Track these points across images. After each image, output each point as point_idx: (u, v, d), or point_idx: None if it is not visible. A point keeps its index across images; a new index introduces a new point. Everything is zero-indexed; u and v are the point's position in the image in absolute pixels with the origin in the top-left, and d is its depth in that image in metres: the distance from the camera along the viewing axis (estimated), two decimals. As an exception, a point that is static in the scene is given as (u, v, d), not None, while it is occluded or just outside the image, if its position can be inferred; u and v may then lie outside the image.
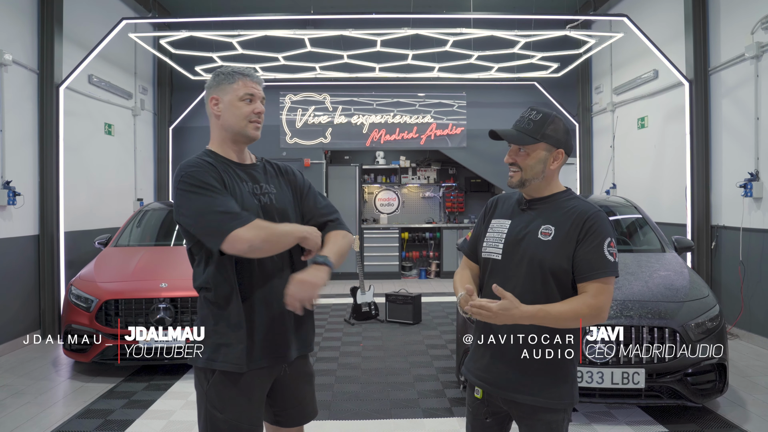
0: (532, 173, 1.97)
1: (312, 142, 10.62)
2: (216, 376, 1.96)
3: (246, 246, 1.86)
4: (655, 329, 3.77)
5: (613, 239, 1.91)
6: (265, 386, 2.05)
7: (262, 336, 1.98)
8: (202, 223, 1.88)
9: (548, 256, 1.90)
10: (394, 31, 7.40)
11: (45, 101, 6.60)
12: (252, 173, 2.10)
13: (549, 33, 7.64)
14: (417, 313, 7.15)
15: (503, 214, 2.09)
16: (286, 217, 2.09)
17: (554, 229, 1.93)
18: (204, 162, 1.98)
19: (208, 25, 8.19)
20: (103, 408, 4.30)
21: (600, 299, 1.85)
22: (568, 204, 1.98)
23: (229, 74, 2.06)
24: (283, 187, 2.16)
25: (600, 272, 1.86)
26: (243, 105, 2.04)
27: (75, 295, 5.17)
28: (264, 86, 2.14)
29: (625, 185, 8.87)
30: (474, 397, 2.07)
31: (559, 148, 1.99)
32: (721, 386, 3.87)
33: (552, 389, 1.92)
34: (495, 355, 1.98)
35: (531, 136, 1.96)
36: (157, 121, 10.07)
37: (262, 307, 1.99)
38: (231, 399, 1.96)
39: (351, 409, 4.27)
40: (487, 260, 2.05)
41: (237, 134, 2.06)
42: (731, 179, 6.34)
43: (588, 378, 3.72)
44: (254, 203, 2.01)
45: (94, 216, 7.83)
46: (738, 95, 6.32)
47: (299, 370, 2.15)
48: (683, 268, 4.66)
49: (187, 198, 1.90)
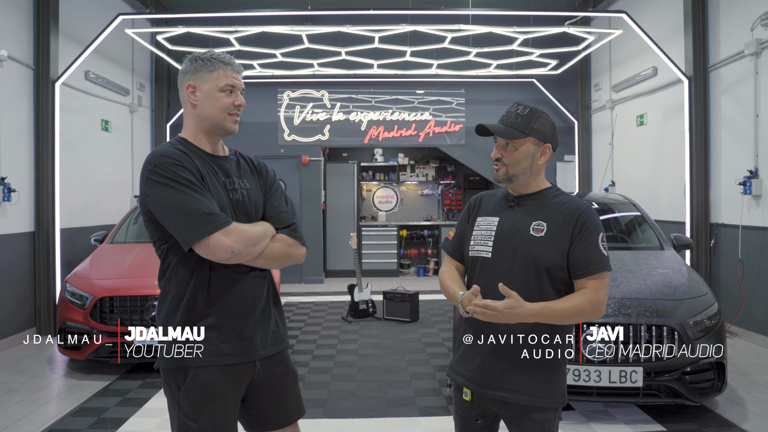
0: (520, 168, 1.95)
1: (310, 139, 10.58)
2: (188, 383, 1.87)
3: (228, 253, 1.81)
4: (654, 327, 3.74)
5: (603, 233, 1.92)
6: (239, 390, 1.96)
7: (227, 331, 1.90)
8: (178, 221, 1.79)
9: (542, 252, 1.89)
10: (392, 28, 7.35)
11: (40, 97, 6.55)
12: (225, 166, 1.99)
13: (548, 30, 7.60)
14: (414, 310, 7.13)
15: (490, 211, 2.06)
16: (257, 215, 2.02)
17: (546, 225, 1.92)
18: (179, 152, 1.87)
19: (205, 21, 8.15)
20: (96, 406, 4.27)
21: (600, 294, 1.86)
22: (557, 200, 1.97)
23: (208, 61, 1.94)
24: (257, 184, 2.07)
25: (597, 267, 1.87)
26: (223, 96, 1.94)
27: (70, 292, 5.14)
28: (243, 74, 2.03)
29: (624, 183, 8.84)
30: (462, 400, 2.03)
31: (546, 143, 1.97)
32: (720, 385, 3.84)
33: (545, 388, 1.90)
34: (488, 356, 1.94)
35: (519, 131, 1.94)
36: (154, 117, 10.02)
37: (226, 301, 1.91)
38: (204, 406, 1.87)
39: (347, 407, 4.24)
40: (476, 258, 2.01)
41: (214, 126, 1.96)
42: (730, 177, 6.31)
43: (585, 376, 3.69)
44: (225, 199, 1.93)
45: (91, 213, 7.80)
46: (737, 92, 6.28)
47: (276, 368, 2.05)
48: (682, 266, 4.63)
49: (162, 190, 1.80)
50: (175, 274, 1.90)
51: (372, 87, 10.62)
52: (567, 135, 10.50)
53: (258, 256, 1.91)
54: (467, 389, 2.00)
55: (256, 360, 1.97)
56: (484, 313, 1.78)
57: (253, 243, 1.87)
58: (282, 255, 1.99)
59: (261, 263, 1.94)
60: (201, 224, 1.77)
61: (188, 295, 1.88)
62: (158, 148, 1.89)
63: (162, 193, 1.80)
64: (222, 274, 1.91)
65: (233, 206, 1.94)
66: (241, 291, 1.93)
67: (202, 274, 1.89)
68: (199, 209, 1.78)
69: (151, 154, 1.86)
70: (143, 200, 1.87)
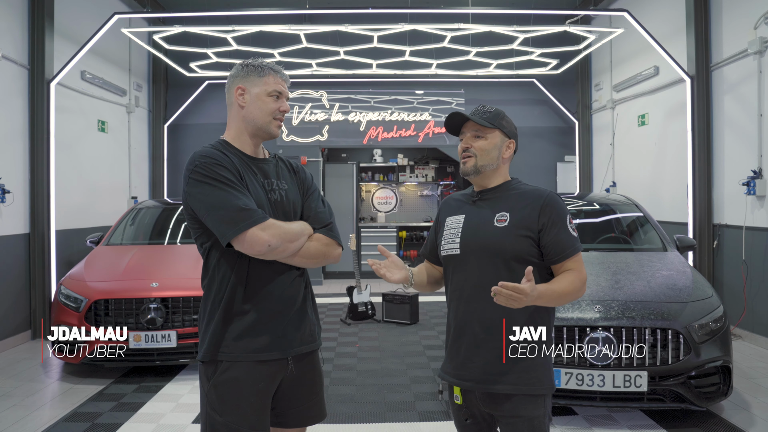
0: (488, 159, 2.01)
1: (309, 139, 10.51)
2: (217, 376, 1.91)
3: (264, 247, 1.85)
4: (658, 331, 3.67)
5: (569, 215, 1.98)
6: (269, 388, 1.98)
7: (263, 327, 1.95)
8: (217, 216, 1.85)
9: (507, 242, 1.92)
10: (392, 27, 7.29)
11: (36, 97, 6.48)
12: (264, 168, 2.06)
13: (548, 28, 7.54)
14: (414, 313, 7.05)
15: (455, 211, 2.10)
16: (296, 215, 2.08)
17: (509, 214, 1.96)
18: (219, 153, 1.95)
19: (203, 20, 8.08)
20: (90, 411, 4.19)
21: (584, 272, 1.95)
22: (517, 188, 2.03)
23: (259, 67, 2.04)
24: (295, 185, 2.14)
25: (572, 250, 1.93)
26: (270, 101, 2.02)
27: (64, 295, 5.06)
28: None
29: (625, 183, 8.78)
30: (455, 404, 2.05)
31: (511, 139, 2.06)
32: (726, 389, 3.77)
33: (528, 376, 1.91)
34: (469, 349, 1.96)
35: (490, 122, 2.02)
36: (152, 118, 9.95)
37: (264, 298, 1.96)
38: (232, 401, 1.90)
39: (346, 412, 4.17)
40: (448, 258, 2.05)
41: (259, 129, 2.03)
42: (734, 177, 6.24)
43: (589, 381, 3.62)
44: (264, 199, 1.98)
45: (87, 214, 7.72)
46: (741, 91, 6.21)
47: (307, 367, 2.08)
48: (686, 267, 4.55)
49: (202, 188, 1.87)
50: (217, 272, 1.96)
51: (371, 87, 10.56)
52: (567, 135, 10.43)
53: (295, 254, 1.95)
54: (456, 388, 2.01)
55: (289, 357, 2.00)
56: (511, 296, 1.69)
57: (290, 239, 1.91)
58: (319, 254, 2.03)
59: (298, 261, 1.98)
60: (239, 219, 1.83)
61: (228, 291, 1.93)
62: (199, 150, 1.96)
63: (202, 191, 1.87)
64: (260, 272, 1.95)
65: (272, 206, 2.00)
66: (279, 288, 1.98)
67: (241, 270, 1.94)
68: (237, 205, 1.84)
69: (193, 155, 1.95)
70: (185, 199, 1.94)
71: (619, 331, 3.65)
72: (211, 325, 1.94)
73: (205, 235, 1.96)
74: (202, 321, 1.99)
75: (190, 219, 1.97)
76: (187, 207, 1.95)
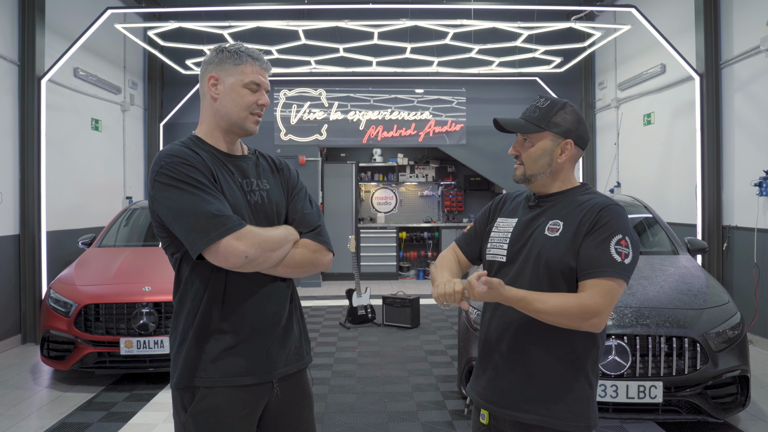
0: (537, 167, 1.76)
1: (307, 139, 10.32)
2: (195, 404, 1.68)
3: (241, 259, 1.60)
4: (674, 339, 3.49)
5: (626, 237, 1.62)
6: (253, 415, 1.74)
7: (244, 348, 1.71)
8: (185, 225, 1.60)
9: (556, 254, 1.66)
10: (392, 23, 7.10)
11: (26, 95, 6.28)
12: (242, 166, 1.81)
13: (552, 25, 7.35)
14: (415, 316, 6.88)
15: (510, 212, 1.88)
16: (279, 218, 1.83)
17: (563, 224, 1.70)
18: (188, 151, 1.70)
19: (198, 16, 7.88)
20: (79, 421, 4.00)
21: (596, 301, 1.56)
22: (581, 198, 1.75)
23: (236, 53, 1.76)
24: (279, 185, 1.89)
25: (600, 271, 1.59)
26: (247, 93, 1.76)
27: (53, 299, 4.87)
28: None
29: (631, 183, 8.60)
30: (480, 423, 1.81)
31: (567, 139, 1.76)
32: (744, 399, 3.59)
33: (560, 408, 1.65)
34: (497, 369, 1.74)
35: (535, 124, 1.75)
36: (147, 116, 9.76)
37: (244, 315, 1.71)
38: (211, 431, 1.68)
39: (345, 422, 3.99)
40: (492, 263, 1.83)
41: (233, 125, 1.78)
42: (744, 177, 6.07)
43: (601, 392, 3.44)
44: (242, 201, 1.74)
45: (81, 215, 7.53)
46: (752, 89, 6.04)
47: (294, 389, 1.84)
48: (699, 271, 4.38)
49: (168, 192, 1.63)
50: (190, 286, 1.72)
51: (371, 85, 10.37)
52: (570, 134, 10.25)
53: (278, 264, 1.72)
54: (484, 411, 1.79)
55: (274, 380, 1.77)
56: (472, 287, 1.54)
57: (271, 248, 1.68)
58: (306, 262, 1.79)
59: (282, 272, 1.75)
60: (210, 227, 1.59)
61: (203, 308, 1.69)
62: (166, 148, 1.72)
63: (168, 195, 1.63)
64: (239, 285, 1.71)
65: (251, 209, 1.76)
66: (261, 303, 1.74)
67: (217, 284, 1.70)
68: (208, 211, 1.60)
69: (158, 154, 1.70)
70: (151, 204, 1.70)
71: (633, 339, 3.48)
72: (184, 346, 1.70)
73: (175, 245, 1.71)
74: (174, 342, 1.74)
75: (157, 227, 1.73)
76: (154, 214, 1.70)
